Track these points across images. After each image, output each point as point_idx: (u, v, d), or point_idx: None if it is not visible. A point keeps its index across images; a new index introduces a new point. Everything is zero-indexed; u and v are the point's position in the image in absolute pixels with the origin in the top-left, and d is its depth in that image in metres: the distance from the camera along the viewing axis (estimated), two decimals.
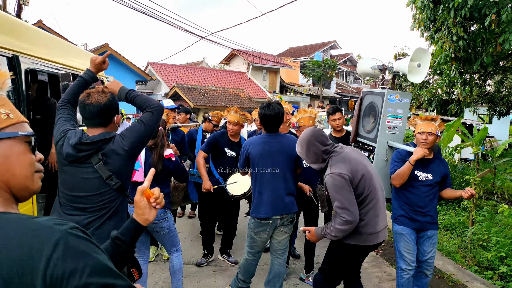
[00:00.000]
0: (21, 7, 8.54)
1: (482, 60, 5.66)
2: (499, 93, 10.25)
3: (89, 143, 2.09)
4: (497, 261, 4.79)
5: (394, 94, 3.81)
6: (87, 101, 2.16)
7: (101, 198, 2.12)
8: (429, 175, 3.33)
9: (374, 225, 2.70)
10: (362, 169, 2.69)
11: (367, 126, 4.16)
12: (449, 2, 5.23)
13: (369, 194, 2.70)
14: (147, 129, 2.22)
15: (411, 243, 3.34)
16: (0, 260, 0.78)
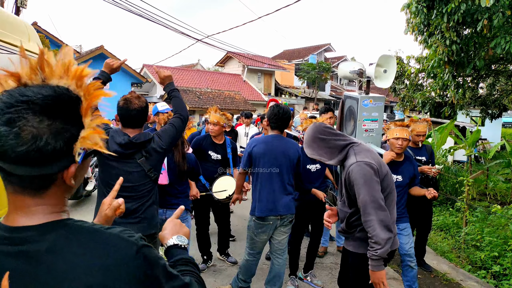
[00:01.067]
0: (19, 9, 8.56)
1: (475, 64, 5.78)
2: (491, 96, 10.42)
3: (137, 143, 2.44)
4: (490, 261, 4.90)
5: (367, 99, 4.01)
6: (131, 106, 2.48)
7: (143, 187, 2.50)
8: (399, 177, 3.60)
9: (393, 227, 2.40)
10: (385, 165, 2.40)
11: (348, 129, 4.34)
12: (442, 7, 5.35)
13: (391, 192, 2.40)
14: (178, 131, 2.61)
15: None
16: (86, 267, 0.81)
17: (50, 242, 0.82)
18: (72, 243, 0.83)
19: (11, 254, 0.81)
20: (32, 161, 0.79)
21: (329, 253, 5.00)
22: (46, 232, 0.83)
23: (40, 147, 0.78)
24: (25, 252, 0.81)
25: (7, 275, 0.78)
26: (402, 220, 3.67)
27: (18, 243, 0.82)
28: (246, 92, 26.52)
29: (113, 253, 0.84)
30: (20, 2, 8.10)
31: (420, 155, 4.42)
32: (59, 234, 0.83)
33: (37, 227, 0.83)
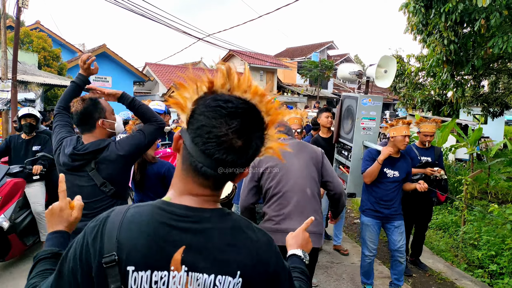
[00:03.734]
0: (20, 10, 8.61)
1: (473, 63, 5.78)
2: (493, 94, 10.38)
3: (82, 154, 2.17)
4: (487, 260, 4.91)
5: (366, 98, 4.14)
6: (71, 110, 2.28)
7: (98, 204, 2.20)
8: (396, 172, 3.71)
9: (277, 222, 2.57)
10: (272, 161, 2.63)
11: (346, 128, 4.43)
12: (440, 6, 5.35)
13: (271, 188, 2.62)
14: (148, 140, 2.30)
15: (374, 234, 3.77)
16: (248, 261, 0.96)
17: (232, 223, 0.97)
18: (248, 227, 0.99)
19: (192, 229, 0.93)
20: (239, 165, 0.94)
21: (325, 251, 5.03)
22: (224, 215, 0.98)
23: (254, 154, 0.95)
24: (208, 228, 0.94)
25: (183, 249, 0.90)
26: (397, 218, 3.76)
27: (197, 221, 0.94)
28: None
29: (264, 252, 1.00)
30: (22, 3, 8.16)
31: (427, 156, 4.43)
32: (234, 218, 0.99)
33: (211, 210, 0.96)
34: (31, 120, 4.64)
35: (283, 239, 2.47)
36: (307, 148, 2.78)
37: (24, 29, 16.55)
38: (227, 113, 0.88)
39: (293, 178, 2.61)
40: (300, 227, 1.38)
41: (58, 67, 16.58)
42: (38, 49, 15.73)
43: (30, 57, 14.32)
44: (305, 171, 2.65)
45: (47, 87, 13.20)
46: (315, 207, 2.63)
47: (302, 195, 2.58)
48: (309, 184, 2.62)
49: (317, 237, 2.60)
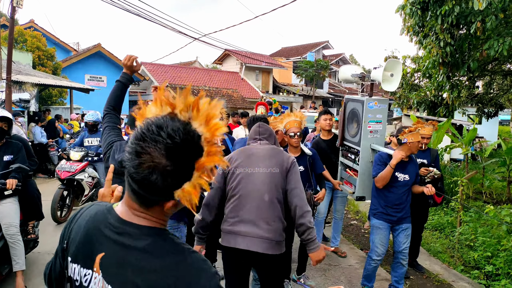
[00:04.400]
0: (14, 9, 8.53)
1: (469, 65, 5.81)
2: (488, 95, 10.45)
3: None
4: (483, 261, 4.94)
5: (372, 101, 4.14)
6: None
7: None
8: (406, 176, 3.71)
9: (232, 223, 2.54)
10: (238, 162, 2.62)
11: (352, 131, 4.42)
12: (436, 9, 5.37)
13: (232, 188, 2.59)
14: None
15: (385, 237, 3.74)
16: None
17: (148, 243, 0.94)
18: (162, 251, 0.95)
19: (112, 240, 0.96)
20: (142, 187, 0.92)
21: None
22: (149, 234, 0.96)
23: (151, 181, 0.89)
24: (125, 243, 0.95)
25: (102, 255, 0.96)
26: (406, 220, 3.78)
27: (120, 233, 0.96)
28: (244, 90, 26.51)
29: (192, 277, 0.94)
30: (16, 2, 8.08)
31: (423, 158, 4.46)
32: (155, 239, 0.96)
33: (139, 227, 0.97)
34: (2, 124, 3.76)
35: (235, 241, 2.51)
36: (278, 155, 2.70)
37: (18, 28, 16.40)
38: (149, 138, 0.89)
39: (253, 182, 2.56)
40: None
41: (52, 66, 16.46)
42: (32, 48, 15.60)
43: (24, 57, 14.20)
44: (267, 177, 2.58)
45: (42, 87, 13.10)
46: (273, 214, 2.54)
47: (259, 201, 2.52)
48: (269, 190, 2.55)
49: (270, 244, 2.49)
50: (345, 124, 4.56)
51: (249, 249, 2.46)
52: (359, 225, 6.61)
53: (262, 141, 2.80)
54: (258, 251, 2.47)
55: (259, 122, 2.94)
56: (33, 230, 4.26)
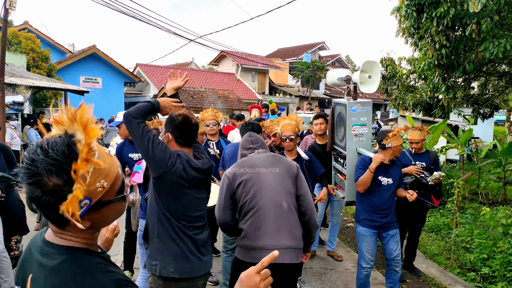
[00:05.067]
0: (7, 11, 8.46)
1: (464, 67, 5.81)
2: (483, 96, 10.47)
3: (205, 170, 2.30)
4: (479, 263, 4.93)
5: (355, 105, 4.10)
6: (192, 122, 2.29)
7: (206, 213, 2.37)
8: (390, 180, 3.66)
9: (254, 238, 2.46)
10: (245, 176, 2.56)
11: (340, 135, 4.40)
12: (432, 11, 5.36)
13: (246, 203, 2.52)
14: None
15: (371, 244, 3.68)
16: None
17: (58, 262, 0.94)
18: (68, 271, 0.94)
19: (37, 261, 0.98)
20: (37, 205, 0.94)
21: (318, 257, 5.01)
22: (60, 253, 0.96)
23: (36, 198, 0.92)
24: (43, 263, 0.96)
25: (30, 276, 0.96)
26: (393, 226, 3.71)
27: (43, 254, 0.98)
28: (240, 91, 26.48)
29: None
30: (9, 4, 8.01)
31: (421, 161, 4.42)
32: (65, 258, 0.95)
33: (57, 247, 0.98)
34: None
35: (261, 256, 2.42)
36: (282, 161, 2.70)
37: (12, 29, 16.30)
38: (30, 159, 0.92)
39: (268, 192, 2.51)
40: (254, 268, 1.11)
41: (47, 68, 16.36)
42: (26, 50, 15.50)
43: (18, 59, 14.09)
44: (280, 184, 2.56)
45: (36, 89, 13.00)
46: (293, 221, 2.52)
47: (278, 210, 2.48)
48: (285, 197, 2.53)
49: (295, 252, 2.48)
50: (334, 128, 4.53)
51: (277, 262, 2.34)
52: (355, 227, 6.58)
53: (258, 149, 2.77)
54: (286, 262, 2.41)
55: (249, 132, 2.97)
56: (17, 246, 4.03)
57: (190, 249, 2.21)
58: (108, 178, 0.98)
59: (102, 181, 0.96)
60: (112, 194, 1.01)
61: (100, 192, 0.96)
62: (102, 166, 0.95)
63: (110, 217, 1.06)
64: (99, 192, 0.96)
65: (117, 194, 1.04)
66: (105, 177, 0.97)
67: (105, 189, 0.98)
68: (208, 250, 2.34)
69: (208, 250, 2.34)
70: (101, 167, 0.96)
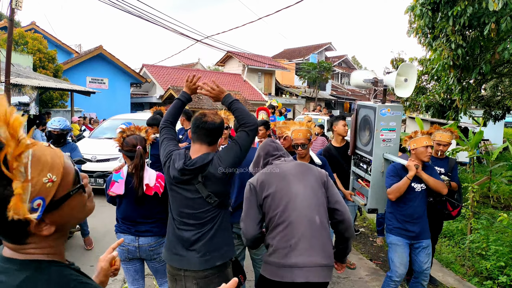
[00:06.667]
0: (13, 11, 8.41)
1: (481, 68, 5.63)
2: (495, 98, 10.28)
3: (191, 169, 2.28)
4: (496, 271, 4.76)
5: (385, 108, 3.93)
6: (203, 119, 2.34)
7: (206, 214, 2.32)
8: (423, 185, 3.47)
9: (283, 255, 2.27)
10: (275, 186, 2.39)
11: (364, 139, 4.24)
12: (447, 10, 5.20)
13: (276, 216, 2.33)
14: (242, 149, 2.35)
15: (405, 255, 3.47)
16: None
17: (22, 279, 0.85)
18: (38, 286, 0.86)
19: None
20: None
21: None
22: (23, 269, 0.87)
23: None
24: (3, 281, 0.87)
25: None
26: (425, 236, 3.51)
27: (1, 272, 0.89)
28: (246, 92, 26.37)
29: None
30: (15, 4, 7.96)
31: (440, 166, 4.21)
32: (31, 274, 0.87)
33: (18, 262, 0.89)
34: None
35: (292, 275, 2.21)
36: (312, 171, 2.50)
37: (19, 30, 16.32)
38: None
39: (299, 205, 2.33)
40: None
41: (53, 68, 16.36)
42: (33, 50, 15.50)
43: (24, 59, 14.08)
44: (313, 197, 2.37)
45: (42, 90, 12.97)
46: (325, 237, 2.33)
47: (310, 225, 2.30)
48: (318, 211, 2.34)
49: (328, 271, 2.29)
50: (357, 132, 4.37)
51: (309, 281, 2.20)
52: (366, 233, 6.42)
53: (284, 157, 2.60)
54: (320, 281, 2.24)
55: (270, 138, 2.84)
56: None
57: (173, 242, 2.40)
58: (54, 170, 0.88)
59: (49, 174, 0.86)
60: (67, 186, 0.92)
61: (51, 188, 0.87)
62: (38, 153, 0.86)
63: (74, 214, 0.97)
64: (49, 188, 0.86)
65: (73, 185, 0.94)
66: (50, 170, 0.87)
67: (56, 183, 0.88)
68: (193, 249, 2.33)
69: (193, 249, 2.33)
70: (41, 159, 0.86)
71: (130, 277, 3.05)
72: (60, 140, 4.83)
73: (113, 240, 4.16)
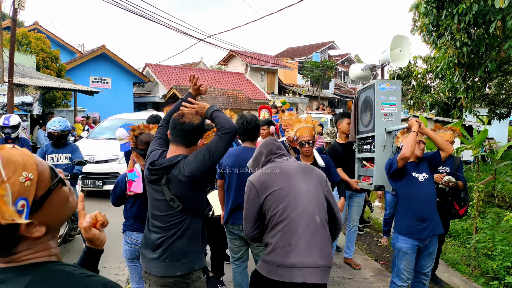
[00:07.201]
0: (16, 11, 8.41)
1: (486, 66, 5.57)
2: (500, 96, 10.20)
3: (156, 169, 2.22)
4: (502, 271, 4.71)
5: (383, 83, 3.98)
6: (181, 119, 2.26)
7: (170, 219, 2.22)
8: (424, 174, 3.41)
9: (283, 254, 2.22)
10: (277, 184, 2.33)
11: (365, 121, 4.26)
12: (452, 7, 5.15)
13: (276, 214, 2.27)
14: (212, 154, 2.20)
15: (412, 261, 3.40)
16: None
17: (26, 284, 0.82)
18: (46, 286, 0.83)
19: None
20: None
21: (335, 265, 4.80)
22: (23, 274, 0.84)
23: None
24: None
25: None
26: (434, 239, 3.45)
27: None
28: (249, 91, 26.34)
29: None
30: (18, 4, 7.95)
31: (445, 165, 4.18)
32: (34, 277, 0.84)
33: (14, 269, 0.85)
34: None
35: (290, 274, 2.16)
36: (314, 171, 2.48)
37: (22, 30, 16.35)
38: None
39: (301, 203, 2.28)
40: None
41: (57, 68, 16.38)
42: (36, 50, 15.53)
43: (28, 59, 14.11)
44: (314, 196, 2.33)
45: (45, 90, 12.99)
46: (325, 237, 2.29)
47: (311, 223, 2.25)
48: (318, 210, 2.30)
49: (325, 271, 2.25)
50: (358, 117, 4.38)
51: (306, 282, 2.16)
52: (371, 232, 6.38)
53: (287, 156, 2.56)
54: (318, 282, 2.20)
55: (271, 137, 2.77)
56: None
57: (144, 242, 2.37)
58: (28, 168, 0.86)
59: (24, 173, 0.84)
60: (45, 183, 0.90)
61: (30, 186, 0.85)
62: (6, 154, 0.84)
63: (59, 211, 0.95)
64: (29, 187, 0.84)
65: (51, 181, 0.92)
66: (24, 169, 0.85)
67: (34, 181, 0.86)
68: (156, 253, 2.25)
69: (156, 253, 2.25)
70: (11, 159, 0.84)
71: (137, 276, 3.01)
72: (61, 141, 4.70)
73: (114, 241, 4.13)
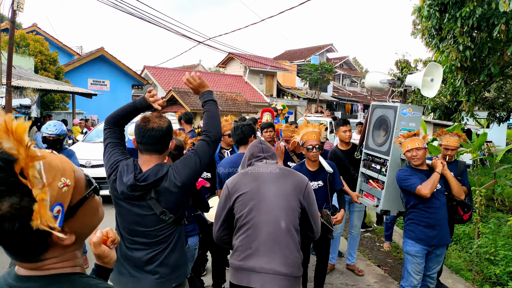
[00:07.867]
0: (15, 13, 8.35)
1: (489, 69, 5.54)
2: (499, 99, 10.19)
3: (143, 185, 2.02)
4: (505, 276, 4.67)
5: (406, 108, 3.89)
6: (148, 126, 2.08)
7: (160, 232, 2.09)
8: (438, 185, 3.40)
9: (243, 257, 2.19)
10: (246, 187, 2.30)
11: (378, 139, 4.18)
12: (456, 11, 5.12)
13: (241, 217, 2.25)
14: (202, 161, 2.12)
15: (421, 265, 3.40)
16: None
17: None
18: None
19: None
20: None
21: (338, 271, 4.74)
22: (50, 284, 0.84)
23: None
24: None
25: None
26: (443, 245, 3.46)
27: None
28: (247, 94, 26.29)
29: None
30: (17, 6, 7.90)
31: (450, 170, 4.12)
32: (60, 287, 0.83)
33: (41, 278, 0.84)
34: None
35: (248, 279, 2.11)
36: (291, 175, 2.40)
37: (20, 32, 16.28)
38: None
39: (266, 207, 2.23)
40: None
41: (55, 70, 16.31)
42: (34, 52, 15.46)
43: (26, 61, 14.03)
44: (283, 200, 2.26)
45: (44, 92, 12.91)
46: (290, 245, 2.21)
47: (274, 229, 2.19)
48: (285, 216, 2.22)
49: (289, 281, 2.15)
50: (370, 132, 4.33)
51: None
52: (373, 237, 6.32)
53: (268, 159, 2.48)
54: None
55: (259, 138, 2.74)
56: None
57: (122, 262, 2.13)
58: (67, 173, 0.86)
59: (63, 178, 0.84)
60: (80, 190, 0.90)
61: (67, 192, 0.84)
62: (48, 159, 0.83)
63: (89, 220, 0.94)
64: (65, 193, 0.84)
65: (86, 189, 0.92)
66: (63, 174, 0.84)
67: (71, 187, 0.86)
68: (148, 270, 2.10)
69: (147, 270, 2.10)
70: (51, 164, 0.83)
71: None
72: (56, 145, 4.51)
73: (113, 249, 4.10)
